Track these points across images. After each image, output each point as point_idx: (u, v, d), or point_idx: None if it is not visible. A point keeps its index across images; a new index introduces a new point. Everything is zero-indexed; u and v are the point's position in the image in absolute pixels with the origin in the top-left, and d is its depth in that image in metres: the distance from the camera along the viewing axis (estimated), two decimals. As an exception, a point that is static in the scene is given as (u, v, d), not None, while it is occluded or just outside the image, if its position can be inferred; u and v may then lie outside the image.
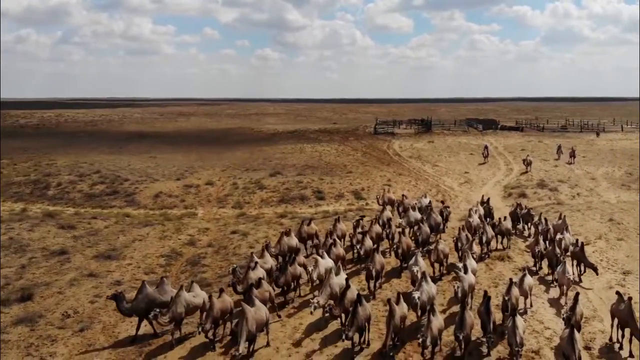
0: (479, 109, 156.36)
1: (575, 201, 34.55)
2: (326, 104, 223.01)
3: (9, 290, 17.87)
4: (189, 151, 60.81)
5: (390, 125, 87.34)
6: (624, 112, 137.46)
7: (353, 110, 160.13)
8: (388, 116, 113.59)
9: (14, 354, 13.72)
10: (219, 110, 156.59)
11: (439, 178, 42.70)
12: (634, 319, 13.16)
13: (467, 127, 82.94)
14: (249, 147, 64.05)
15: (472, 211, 24.70)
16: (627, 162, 47.18)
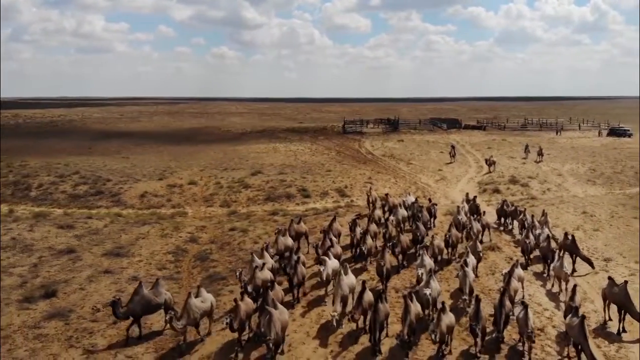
0: (438, 109, 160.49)
1: (546, 196, 36.87)
2: (288, 103, 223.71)
3: (30, 288, 18.33)
4: (160, 151, 60.87)
5: (358, 124, 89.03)
6: (577, 111, 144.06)
7: (316, 110, 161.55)
8: (351, 116, 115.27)
9: (56, 346, 14.37)
10: (179, 110, 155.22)
11: (415, 175, 44.46)
12: (630, 300, 14.87)
13: (432, 126, 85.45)
14: (221, 147, 64.46)
15: (460, 208, 26.17)
16: (590, 159, 50.21)
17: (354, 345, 14.77)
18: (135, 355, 14.09)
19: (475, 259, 19.47)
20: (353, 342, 14.99)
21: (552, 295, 18.17)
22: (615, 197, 35.80)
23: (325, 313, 16.52)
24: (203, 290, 15.81)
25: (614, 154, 54.21)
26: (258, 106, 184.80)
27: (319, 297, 18.12)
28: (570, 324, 13.62)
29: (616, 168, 46.04)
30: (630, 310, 14.87)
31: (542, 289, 18.79)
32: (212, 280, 19.82)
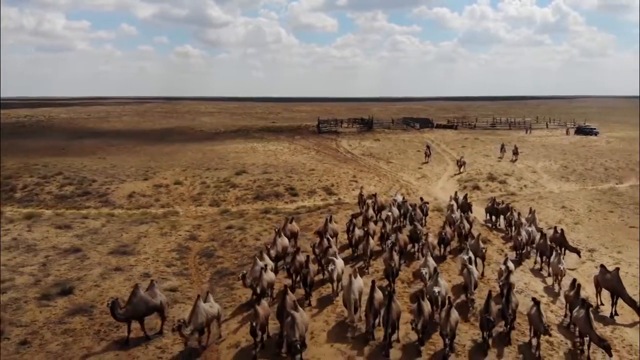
0: (407, 108, 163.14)
1: (524, 192, 38.71)
2: (257, 103, 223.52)
3: (44, 286, 18.71)
4: (137, 151, 60.65)
5: (333, 124, 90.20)
6: (541, 110, 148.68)
7: (287, 109, 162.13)
8: (323, 115, 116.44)
9: (87, 340, 14.92)
10: (147, 109, 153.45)
11: (396, 174, 45.80)
12: (622, 286, 16.30)
13: (406, 125, 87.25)
14: (198, 147, 64.59)
15: (453, 207, 27.30)
16: (561, 157, 52.53)
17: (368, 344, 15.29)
18: (164, 346, 14.76)
19: (479, 257, 20.37)
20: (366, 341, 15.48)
21: (547, 289, 19.47)
22: (589, 193, 37.87)
23: (338, 310, 17.26)
24: (211, 295, 15.93)
25: (583, 151, 56.75)
26: (227, 105, 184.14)
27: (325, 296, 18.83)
28: (577, 316, 14.57)
29: (587, 165, 48.36)
30: (623, 295, 16.27)
31: (537, 279, 20.12)
32: (222, 275, 20.54)
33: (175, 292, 18.69)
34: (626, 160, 50.79)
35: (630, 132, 77.58)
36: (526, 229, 22.76)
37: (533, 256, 22.44)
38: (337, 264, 18.44)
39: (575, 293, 15.88)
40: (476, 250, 20.38)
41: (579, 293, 15.88)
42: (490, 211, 28.27)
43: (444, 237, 22.89)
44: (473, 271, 17.82)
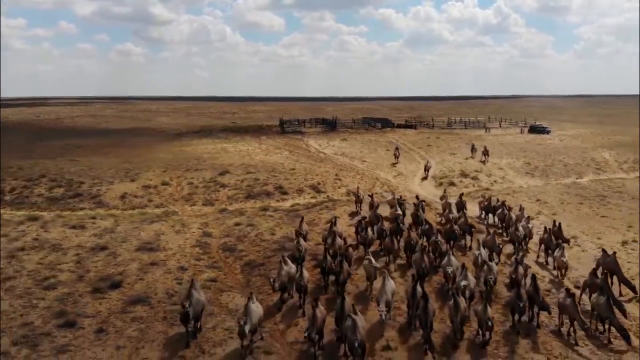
0: (361, 108, 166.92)
1: (496, 187, 42.13)
2: (208, 102, 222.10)
3: (91, 281, 20.01)
4: (106, 153, 60.58)
5: (295, 124, 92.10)
6: (489, 109, 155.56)
7: (241, 109, 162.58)
8: (279, 115, 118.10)
9: (159, 325, 16.52)
10: (98, 110, 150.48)
11: (373, 172, 48.35)
12: (618, 267, 19.18)
13: (367, 125, 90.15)
14: (167, 148, 65.12)
15: (452, 206, 29.50)
16: (522, 154, 56.61)
17: (407, 340, 16.59)
18: (232, 328, 16.49)
19: (496, 252, 22.38)
20: (406, 336, 16.66)
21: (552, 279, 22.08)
22: (555, 187, 41.66)
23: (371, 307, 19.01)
24: (254, 296, 16.40)
25: (540, 149, 61.16)
26: (179, 105, 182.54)
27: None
28: (597, 302, 16.12)
29: (547, 162, 52.52)
30: (619, 275, 19.13)
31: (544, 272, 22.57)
32: (252, 267, 22.36)
33: (216, 282, 20.36)
34: (581, 157, 55.39)
35: (579, 130, 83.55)
36: (523, 225, 24.81)
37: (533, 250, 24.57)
38: (373, 263, 19.61)
39: (594, 280, 17.89)
40: (492, 246, 22.30)
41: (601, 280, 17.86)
42: (486, 209, 30.21)
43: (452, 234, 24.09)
44: (493, 267, 19.24)
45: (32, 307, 17.65)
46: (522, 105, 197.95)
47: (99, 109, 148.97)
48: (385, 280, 17.41)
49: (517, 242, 23.81)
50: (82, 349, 14.92)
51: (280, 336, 16.28)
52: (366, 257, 20.16)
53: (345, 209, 32.96)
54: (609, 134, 76.25)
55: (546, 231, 23.44)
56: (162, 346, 15.24)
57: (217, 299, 18.67)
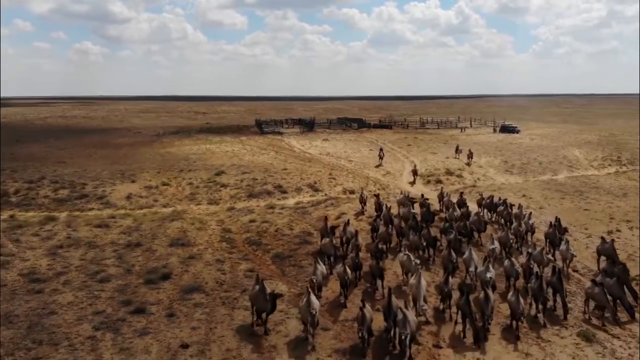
0: (331, 108, 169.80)
1: (481, 184, 45.18)
2: (175, 102, 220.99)
3: (140, 274, 21.78)
4: (91, 155, 61.49)
5: (272, 124, 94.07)
6: (455, 109, 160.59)
7: (210, 109, 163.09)
8: (251, 115, 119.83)
9: (222, 309, 18.48)
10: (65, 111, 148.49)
11: (362, 171, 50.78)
12: (616, 253, 22.06)
13: (344, 126, 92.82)
14: (151, 150, 66.10)
15: (455, 206, 31.70)
16: (498, 153, 60.13)
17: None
18: (285, 310, 18.61)
19: (509, 247, 24.42)
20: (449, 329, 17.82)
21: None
22: (535, 184, 44.99)
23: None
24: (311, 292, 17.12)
25: (514, 148, 64.91)
26: (147, 105, 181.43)
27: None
28: (609, 283, 18.16)
29: (523, 160, 56.07)
30: (615, 259, 21.96)
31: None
32: (281, 258, 24.46)
33: (253, 272, 22.38)
34: (554, 155, 59.25)
35: (546, 129, 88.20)
36: (525, 221, 27.03)
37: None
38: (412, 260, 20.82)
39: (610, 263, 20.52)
40: (506, 242, 24.23)
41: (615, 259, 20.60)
42: (488, 206, 31.90)
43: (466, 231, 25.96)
44: (515, 262, 20.77)
45: (95, 297, 19.34)
46: (485, 105, 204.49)
47: (66, 110, 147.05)
48: (421, 277, 18.31)
49: (518, 238, 25.89)
50: (161, 331, 16.78)
51: (330, 316, 18.44)
52: (405, 253, 21.51)
53: (349, 206, 35.22)
54: (575, 133, 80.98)
55: (551, 226, 25.53)
56: (232, 326, 17.23)
57: (264, 287, 20.67)
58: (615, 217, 31.93)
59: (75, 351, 15.37)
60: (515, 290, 17.42)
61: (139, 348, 15.61)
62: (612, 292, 17.82)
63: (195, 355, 15.32)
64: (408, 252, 21.64)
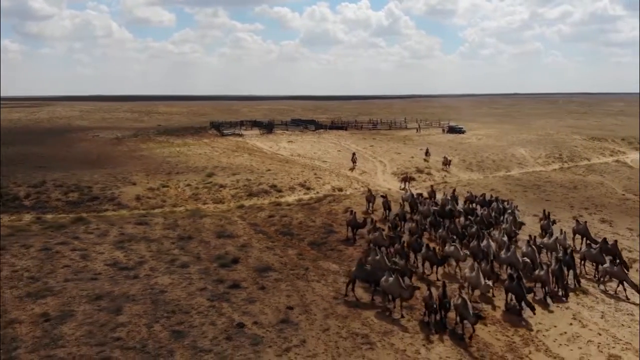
0: (276, 108, 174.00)
1: (450, 180, 51.82)
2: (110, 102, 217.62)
3: (210, 259, 26.25)
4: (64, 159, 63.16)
5: (228, 126, 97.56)
6: (395, 109, 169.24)
7: (147, 109, 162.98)
8: (193, 116, 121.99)
9: (300, 283, 23.38)
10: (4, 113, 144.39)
11: (340, 171, 56.14)
12: (589, 232, 28.54)
13: (302, 127, 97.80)
14: (121, 154, 68.03)
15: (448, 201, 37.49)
16: (454, 152, 67.10)
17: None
18: (358, 297, 23.75)
19: (513, 237, 27.96)
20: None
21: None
22: (495, 179, 52.19)
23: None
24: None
25: (465, 147, 72.39)
26: (84, 107, 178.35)
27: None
28: (612, 268, 22.89)
29: (477, 158, 63.40)
30: (589, 237, 28.26)
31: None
32: (317, 245, 29.53)
33: (302, 255, 27.29)
34: (503, 153, 67.08)
35: (488, 129, 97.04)
36: (516, 214, 32.18)
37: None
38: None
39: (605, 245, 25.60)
40: (510, 233, 27.93)
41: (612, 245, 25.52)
42: (481, 203, 35.66)
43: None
44: (535, 250, 24.49)
45: (188, 279, 23.69)
46: (421, 105, 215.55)
47: (6, 112, 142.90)
48: (475, 266, 21.87)
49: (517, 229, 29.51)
50: (263, 299, 21.51)
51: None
52: (452, 244, 25.06)
53: (349, 202, 40.57)
54: (515, 133, 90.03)
55: (544, 217, 30.52)
56: (316, 293, 22.25)
57: (319, 266, 25.77)
58: (574, 205, 39.27)
59: (207, 316, 19.88)
60: (559, 263, 22.38)
61: (256, 311, 20.35)
62: (616, 277, 22.81)
63: (302, 314, 20.24)
64: (455, 243, 25.19)
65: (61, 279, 23.52)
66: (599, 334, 19.11)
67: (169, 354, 17.07)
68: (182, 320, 19.48)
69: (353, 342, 18.14)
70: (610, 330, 19.39)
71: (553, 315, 20.57)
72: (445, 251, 25.08)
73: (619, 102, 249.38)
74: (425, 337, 18.69)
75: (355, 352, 17.41)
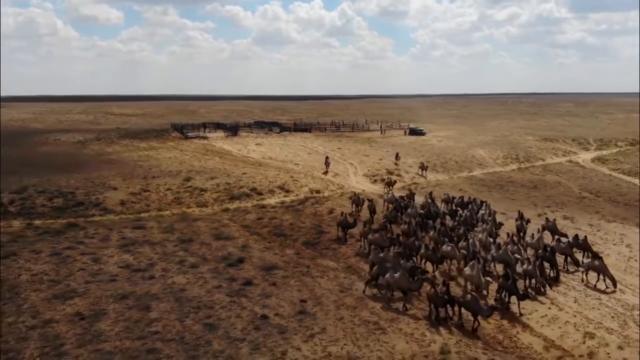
0: (234, 109, 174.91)
1: (418, 181, 55.24)
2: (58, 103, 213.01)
3: (215, 260, 28.40)
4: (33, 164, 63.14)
5: (190, 128, 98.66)
6: (353, 111, 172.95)
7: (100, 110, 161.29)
8: (151, 118, 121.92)
9: (307, 278, 25.87)
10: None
11: (313, 173, 58.74)
12: (557, 228, 32.09)
13: (267, 130, 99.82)
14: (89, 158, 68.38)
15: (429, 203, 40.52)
16: (418, 154, 71.02)
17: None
18: (347, 277, 26.44)
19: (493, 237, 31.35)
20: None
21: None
22: (460, 180, 56.01)
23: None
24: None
25: (428, 149, 76.37)
26: (35, 109, 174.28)
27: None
28: (591, 263, 25.51)
29: (440, 160, 67.36)
30: (558, 233, 31.92)
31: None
32: (312, 244, 32.05)
33: (299, 254, 29.81)
34: (464, 155, 71.34)
35: (446, 131, 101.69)
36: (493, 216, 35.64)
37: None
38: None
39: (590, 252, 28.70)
40: (491, 232, 31.59)
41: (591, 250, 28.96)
42: (460, 205, 37.80)
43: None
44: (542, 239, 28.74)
45: (202, 278, 25.78)
46: (377, 106, 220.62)
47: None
48: (475, 266, 24.45)
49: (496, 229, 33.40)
50: (277, 294, 23.88)
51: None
52: (449, 245, 27.58)
53: (331, 203, 43.24)
54: (472, 135, 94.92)
55: (519, 217, 33.26)
56: (324, 287, 24.84)
57: (318, 264, 28.36)
58: (537, 204, 43.26)
59: (231, 310, 22.15)
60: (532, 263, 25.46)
61: (274, 304, 22.76)
62: (597, 270, 25.44)
63: (316, 306, 22.78)
64: (452, 244, 27.54)
65: (81, 281, 25.25)
66: (574, 316, 22.45)
67: (207, 343, 19.30)
68: (210, 315, 21.67)
69: (366, 328, 20.81)
70: (583, 313, 22.77)
71: (533, 302, 23.81)
72: (443, 251, 27.39)
73: (566, 103, 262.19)
74: (428, 322, 21.57)
75: (370, 337, 20.08)
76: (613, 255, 30.12)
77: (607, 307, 23.42)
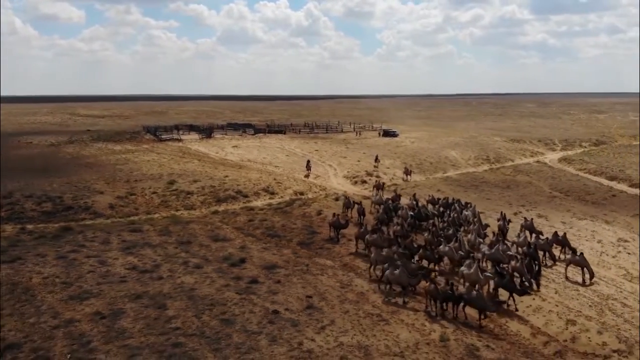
0: (205, 110, 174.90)
1: (397, 182, 57.55)
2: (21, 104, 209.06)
3: (219, 260, 29.98)
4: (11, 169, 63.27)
5: (163, 130, 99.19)
6: (324, 112, 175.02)
7: (72, 112, 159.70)
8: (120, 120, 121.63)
9: (309, 276, 27.69)
10: None
11: (295, 175, 60.37)
12: (534, 227, 34.53)
13: (241, 131, 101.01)
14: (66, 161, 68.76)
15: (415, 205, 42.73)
16: (394, 155, 73.49)
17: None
18: (344, 274, 28.39)
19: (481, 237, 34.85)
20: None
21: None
22: (436, 181, 58.58)
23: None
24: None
25: (403, 150, 78.94)
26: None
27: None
28: (574, 258, 27.79)
29: (416, 161, 69.90)
30: (535, 231, 34.45)
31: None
32: (306, 244, 33.87)
33: (297, 254, 31.63)
34: (437, 156, 74.13)
35: (417, 133, 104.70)
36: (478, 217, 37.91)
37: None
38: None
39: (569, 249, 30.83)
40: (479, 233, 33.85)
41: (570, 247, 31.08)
42: (445, 205, 39.08)
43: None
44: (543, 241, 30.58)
45: (209, 277, 27.33)
46: (346, 107, 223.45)
47: None
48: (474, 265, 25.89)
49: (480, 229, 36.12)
50: (283, 291, 25.64)
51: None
52: (447, 245, 29.22)
53: (318, 205, 45.10)
54: (443, 136, 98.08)
55: (501, 218, 35.04)
56: (327, 283, 26.73)
57: (316, 262, 30.24)
58: (512, 203, 46.03)
59: (243, 306, 23.84)
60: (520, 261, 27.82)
61: (282, 300, 24.54)
62: (578, 264, 27.64)
63: (321, 301, 24.65)
64: (450, 244, 29.01)
65: (93, 282, 26.54)
66: (556, 306, 24.89)
67: (227, 337, 20.98)
68: (224, 311, 23.32)
69: (371, 320, 22.80)
70: (564, 302, 25.24)
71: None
72: (440, 251, 29.04)
73: (529, 104, 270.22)
74: (426, 313, 23.70)
75: (376, 327, 22.08)
76: (586, 251, 32.65)
77: (585, 297, 25.96)
